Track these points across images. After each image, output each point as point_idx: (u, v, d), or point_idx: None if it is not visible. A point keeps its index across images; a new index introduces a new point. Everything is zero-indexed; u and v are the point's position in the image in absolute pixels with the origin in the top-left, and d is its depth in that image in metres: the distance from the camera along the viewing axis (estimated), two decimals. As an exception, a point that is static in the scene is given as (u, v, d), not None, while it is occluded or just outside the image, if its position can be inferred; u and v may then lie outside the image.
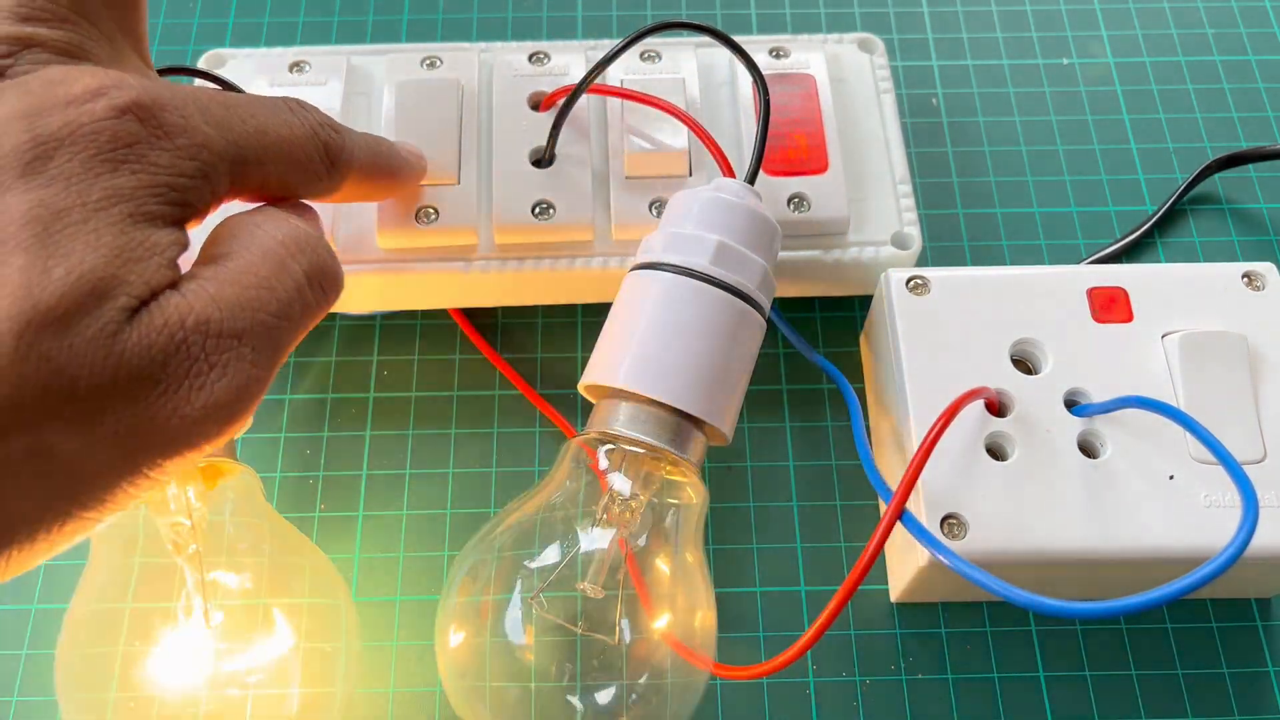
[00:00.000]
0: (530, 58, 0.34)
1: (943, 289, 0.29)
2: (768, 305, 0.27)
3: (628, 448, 0.25)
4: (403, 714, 0.29)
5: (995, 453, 0.27)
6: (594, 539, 0.26)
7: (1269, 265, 0.29)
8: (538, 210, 0.31)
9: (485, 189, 0.32)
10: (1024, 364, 0.29)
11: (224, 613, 0.26)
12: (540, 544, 0.26)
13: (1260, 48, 0.40)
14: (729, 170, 0.29)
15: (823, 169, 0.32)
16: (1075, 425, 0.27)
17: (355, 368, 0.34)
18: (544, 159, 0.32)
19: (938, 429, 0.25)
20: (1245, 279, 0.29)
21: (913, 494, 0.25)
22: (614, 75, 0.33)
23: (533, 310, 0.35)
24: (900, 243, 0.32)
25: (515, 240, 0.31)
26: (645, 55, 0.34)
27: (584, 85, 0.30)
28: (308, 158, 0.22)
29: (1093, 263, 0.35)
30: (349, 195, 0.24)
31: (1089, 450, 0.27)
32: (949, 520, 0.26)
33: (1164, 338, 0.28)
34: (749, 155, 0.29)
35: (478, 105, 0.33)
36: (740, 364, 0.26)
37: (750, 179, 0.28)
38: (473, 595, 0.26)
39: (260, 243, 0.19)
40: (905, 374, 0.28)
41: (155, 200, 0.17)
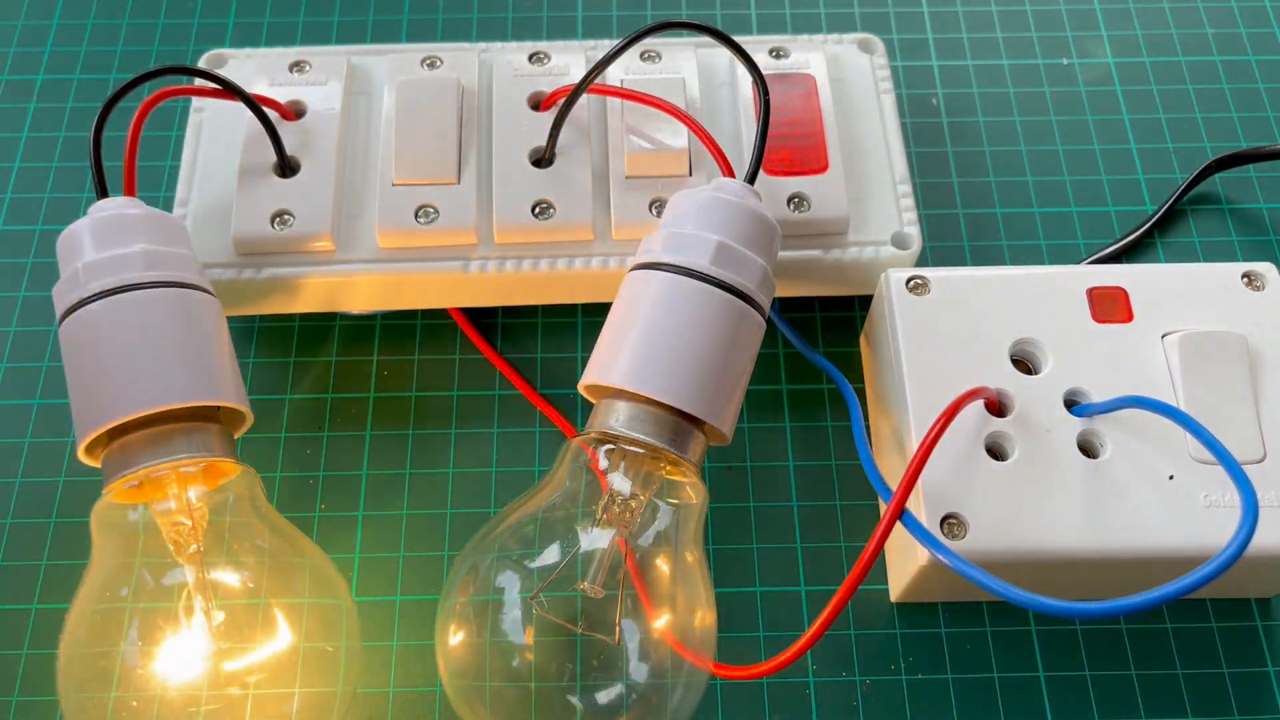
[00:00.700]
0: (530, 58, 0.34)
1: (943, 289, 0.29)
2: (768, 305, 0.27)
3: (628, 448, 0.25)
4: (403, 714, 0.29)
5: (995, 453, 0.27)
6: (594, 539, 0.26)
7: (1269, 265, 0.29)
8: (538, 210, 0.31)
9: (485, 189, 0.32)
10: (1024, 364, 0.29)
11: (224, 612, 0.26)
12: (540, 544, 0.26)
13: (1260, 48, 0.40)
14: (729, 170, 0.29)
15: (823, 169, 0.32)
16: (1075, 425, 0.27)
17: (355, 368, 0.34)
18: (544, 159, 0.32)
19: (938, 429, 0.25)
20: (1245, 279, 0.29)
21: (913, 494, 0.25)
22: (614, 75, 0.33)
23: (533, 310, 0.35)
24: (900, 243, 0.32)
25: (515, 240, 0.31)
26: (645, 55, 0.34)
27: (584, 85, 0.30)
28: None
29: (1093, 263, 0.35)
30: None
31: (1089, 450, 0.27)
32: (949, 520, 0.26)
33: (1164, 338, 0.28)
34: (749, 155, 0.29)
35: (478, 105, 0.33)
36: (740, 364, 0.26)
37: (750, 179, 0.28)
38: (473, 595, 0.26)
39: None
40: (905, 374, 0.28)
41: None
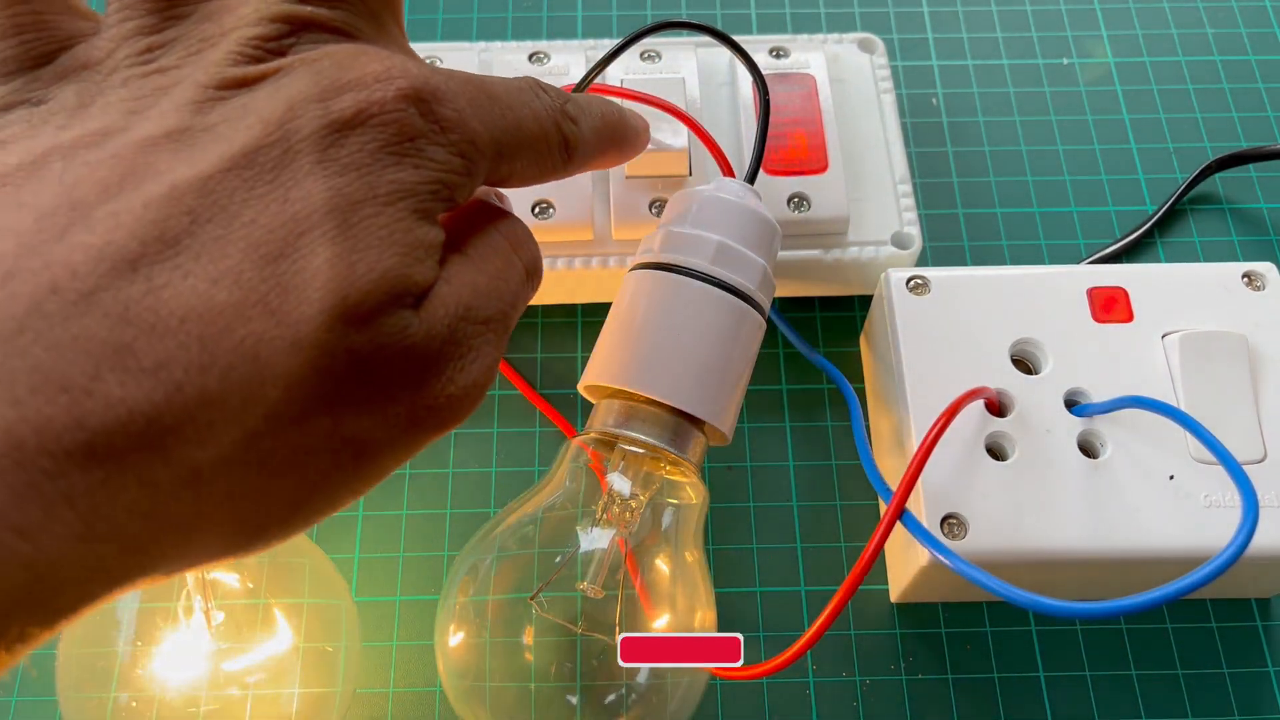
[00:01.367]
0: (530, 57, 0.34)
1: (943, 289, 0.29)
2: (767, 305, 0.27)
3: (627, 448, 0.25)
4: (403, 714, 0.29)
5: (995, 453, 0.27)
6: (594, 539, 0.26)
7: (1269, 265, 0.29)
8: (537, 210, 0.31)
9: (485, 189, 0.32)
10: (1024, 364, 0.29)
11: (224, 612, 0.26)
12: (540, 544, 0.26)
13: (1260, 48, 0.40)
14: (729, 170, 0.29)
15: (823, 169, 0.32)
16: (1075, 425, 0.27)
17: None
18: (544, 159, 0.32)
19: (938, 429, 0.25)
20: (1245, 279, 0.29)
21: (913, 494, 0.25)
22: (614, 75, 0.33)
23: (533, 310, 0.35)
24: (900, 242, 0.32)
25: (515, 240, 0.31)
26: (645, 55, 0.34)
27: (584, 85, 0.30)
28: (549, 151, 0.22)
29: (1093, 263, 0.35)
30: (577, 173, 0.24)
31: (1089, 450, 0.27)
32: (949, 520, 0.26)
33: (1164, 337, 0.28)
34: (749, 155, 0.29)
35: (478, 105, 0.33)
36: (740, 364, 0.26)
37: (750, 179, 0.28)
38: (472, 595, 0.26)
39: (490, 238, 0.20)
40: (905, 374, 0.28)
41: (431, 197, 0.18)
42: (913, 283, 0.29)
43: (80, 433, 0.13)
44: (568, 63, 0.34)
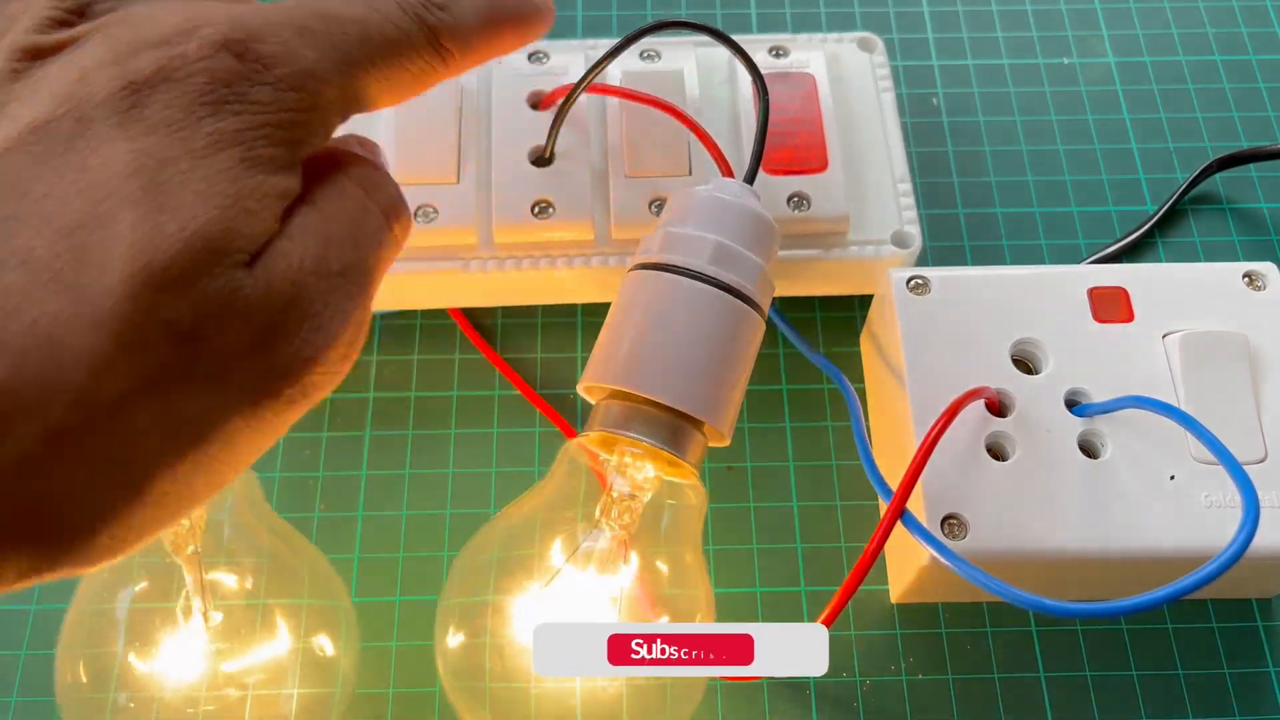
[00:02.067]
0: (530, 57, 0.34)
1: (943, 289, 0.29)
2: (767, 305, 0.27)
3: (627, 448, 0.25)
4: (403, 714, 0.29)
5: (995, 453, 0.27)
6: (593, 539, 0.26)
7: (1269, 265, 0.29)
8: (537, 209, 0.31)
9: (485, 188, 0.32)
10: (1024, 364, 0.28)
11: (223, 613, 0.26)
12: (540, 544, 0.26)
13: (1260, 48, 0.40)
14: (728, 170, 0.29)
15: (822, 168, 0.32)
16: (1075, 425, 0.27)
17: (355, 368, 0.33)
18: (543, 158, 0.32)
19: (938, 429, 0.25)
20: (1245, 279, 0.29)
21: (913, 494, 0.25)
22: (613, 74, 0.33)
23: (533, 310, 0.35)
24: (900, 242, 0.32)
25: (514, 239, 0.31)
26: (645, 54, 0.34)
27: (583, 84, 0.30)
28: (414, 51, 0.19)
29: (1093, 263, 0.35)
30: (467, 67, 0.22)
31: (1089, 450, 0.27)
32: (949, 520, 0.26)
33: (1164, 338, 0.28)
34: (748, 155, 0.29)
35: (477, 104, 0.33)
36: (739, 364, 0.26)
37: (749, 179, 0.28)
38: (472, 595, 0.26)
39: (339, 184, 0.19)
40: (905, 374, 0.28)
41: (263, 142, 0.16)
42: (913, 282, 0.29)
43: None
44: (567, 62, 0.34)
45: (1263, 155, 0.37)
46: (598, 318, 0.27)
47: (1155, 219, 0.36)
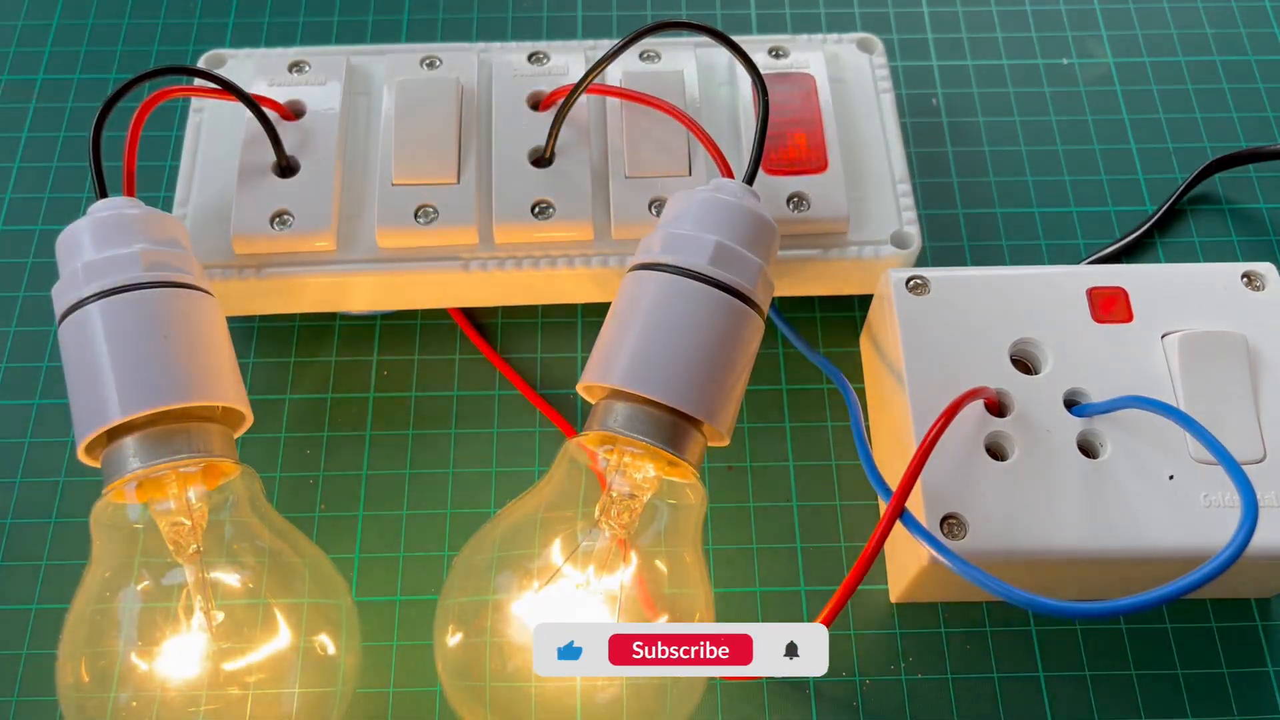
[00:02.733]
0: (530, 58, 0.34)
1: (943, 289, 0.29)
2: (766, 305, 0.27)
3: (626, 448, 0.25)
4: (403, 714, 0.29)
5: (995, 453, 0.27)
6: (593, 539, 0.26)
7: (1269, 265, 0.29)
8: (537, 210, 0.31)
9: (485, 188, 0.32)
10: (1024, 364, 0.29)
11: (224, 613, 0.26)
12: (540, 544, 0.26)
13: (1260, 48, 0.40)
14: (727, 170, 0.29)
15: (822, 168, 0.32)
16: (1075, 425, 0.27)
17: (355, 368, 0.34)
18: (543, 158, 0.32)
19: (938, 429, 0.25)
20: (1245, 279, 0.29)
21: (913, 494, 0.25)
22: (613, 75, 0.33)
23: (533, 310, 0.35)
24: (900, 242, 0.32)
25: (515, 240, 0.31)
26: (645, 55, 0.34)
27: (583, 85, 0.30)
28: None
29: (1093, 263, 0.35)
30: None
31: (1089, 450, 0.27)
32: (949, 520, 0.26)
33: (1164, 338, 0.28)
34: (748, 155, 0.29)
35: (477, 105, 0.33)
36: (739, 364, 0.26)
37: (749, 179, 0.28)
38: (472, 595, 0.26)
39: None
40: (905, 374, 0.28)
41: None
42: (913, 283, 0.29)
43: None
44: (567, 63, 0.34)
45: (1262, 155, 0.37)
46: (598, 318, 0.27)
47: (1154, 219, 0.36)
